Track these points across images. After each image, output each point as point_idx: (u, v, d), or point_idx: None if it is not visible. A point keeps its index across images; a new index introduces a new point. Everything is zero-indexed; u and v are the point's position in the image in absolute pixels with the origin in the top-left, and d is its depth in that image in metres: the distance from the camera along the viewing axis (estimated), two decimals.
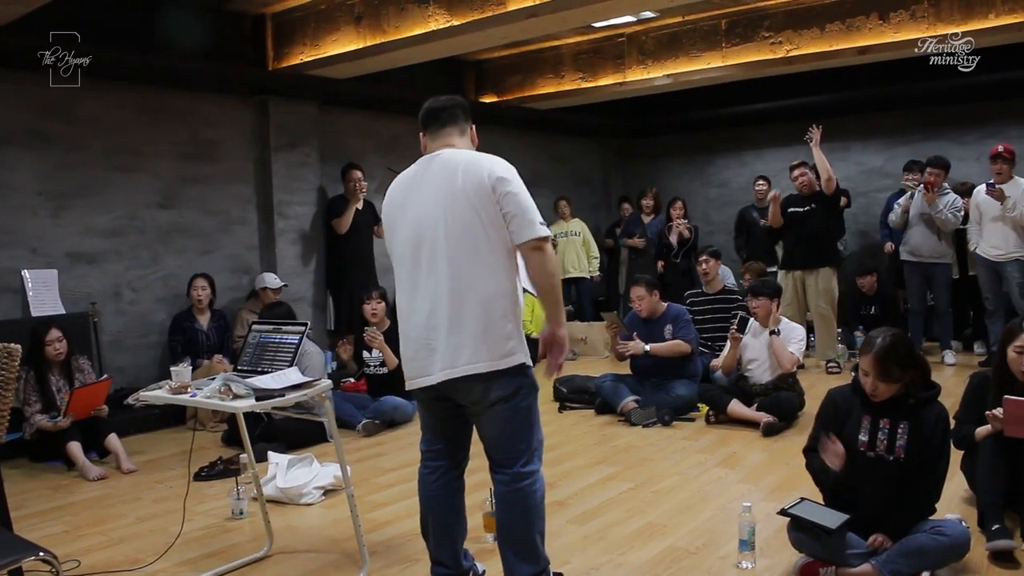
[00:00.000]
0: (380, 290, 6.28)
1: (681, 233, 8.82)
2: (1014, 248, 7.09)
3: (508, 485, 2.89)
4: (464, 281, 2.82)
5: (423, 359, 2.90)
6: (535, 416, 2.95)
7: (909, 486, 3.24)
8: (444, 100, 3.09)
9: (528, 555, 2.90)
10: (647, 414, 5.79)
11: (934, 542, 3.12)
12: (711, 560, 3.46)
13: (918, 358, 3.31)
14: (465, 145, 3.05)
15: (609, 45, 8.49)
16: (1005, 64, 8.36)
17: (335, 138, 8.18)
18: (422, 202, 2.92)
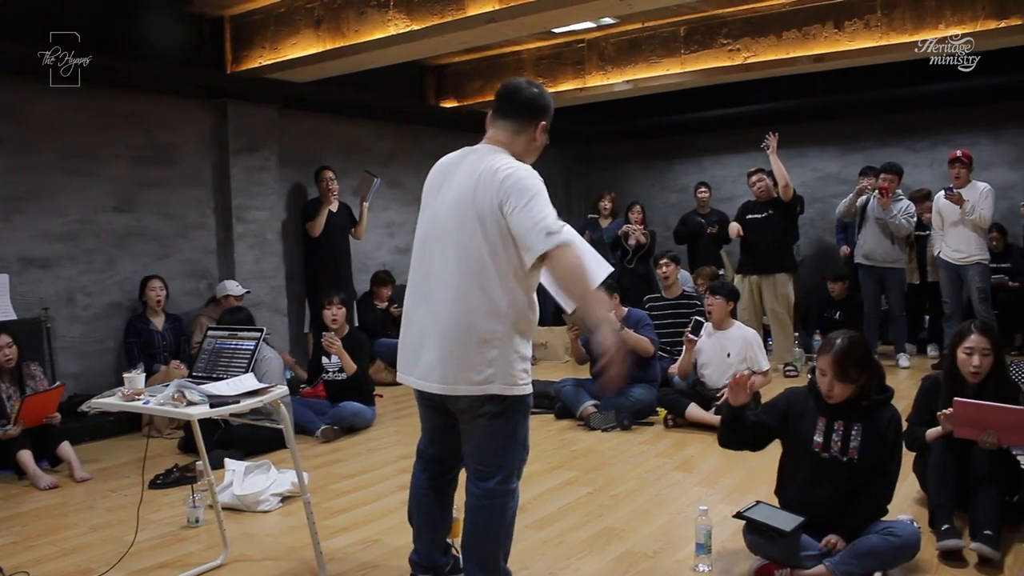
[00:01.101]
0: (341, 296, 6.25)
1: (637, 239, 8.86)
2: (975, 251, 7.24)
3: (480, 499, 2.86)
4: (459, 297, 2.75)
5: (410, 361, 2.90)
6: (520, 435, 2.89)
7: (862, 487, 3.29)
8: (524, 90, 2.90)
9: (488, 568, 2.90)
10: (606, 418, 5.81)
11: (886, 543, 3.17)
12: (668, 564, 3.48)
13: (874, 361, 3.38)
14: (517, 145, 2.88)
15: (569, 51, 8.52)
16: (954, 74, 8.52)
17: (295, 142, 8.12)
18: (443, 199, 2.85)
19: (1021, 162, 9.07)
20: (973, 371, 3.77)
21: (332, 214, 7.75)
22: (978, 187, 7.23)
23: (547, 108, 2.93)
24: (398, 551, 3.66)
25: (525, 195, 2.67)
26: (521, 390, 2.81)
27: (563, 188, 11.77)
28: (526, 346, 2.83)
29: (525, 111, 2.88)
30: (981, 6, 6.58)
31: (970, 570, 3.34)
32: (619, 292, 6.40)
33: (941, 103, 9.33)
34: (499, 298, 2.72)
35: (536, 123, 2.89)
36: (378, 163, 8.74)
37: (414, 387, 2.91)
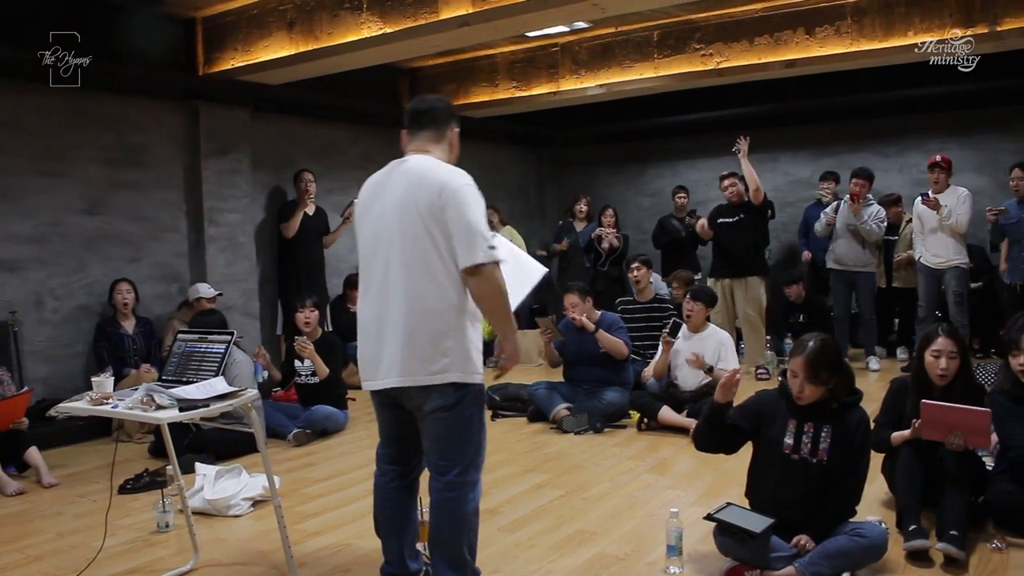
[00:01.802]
0: (314, 299, 6.22)
1: (610, 242, 8.89)
2: (954, 256, 7.32)
3: (441, 493, 2.93)
4: (410, 295, 2.86)
5: (368, 363, 2.99)
6: (476, 428, 2.97)
7: (831, 488, 3.33)
8: (426, 102, 3.13)
9: (455, 564, 2.93)
10: (579, 421, 5.83)
11: (854, 543, 3.21)
12: (639, 566, 3.50)
13: (844, 364, 3.42)
14: (440, 151, 3.05)
15: (543, 55, 8.55)
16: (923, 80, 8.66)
17: (268, 144, 8.08)
18: (381, 209, 2.97)
19: (988, 167, 9.19)
20: (940, 374, 3.82)
21: (307, 217, 7.75)
22: (957, 192, 7.31)
23: (454, 111, 3.19)
24: (370, 555, 3.66)
25: (465, 203, 2.83)
26: (476, 378, 2.92)
27: (537, 192, 11.81)
28: (478, 337, 2.96)
29: (440, 119, 3.09)
30: (948, 14, 6.67)
31: (936, 570, 3.38)
32: (592, 295, 6.43)
33: (911, 109, 9.45)
34: (449, 291, 2.85)
35: (449, 127, 3.12)
36: (352, 166, 8.72)
37: (375, 388, 2.99)
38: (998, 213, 7.24)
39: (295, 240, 7.68)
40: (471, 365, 2.89)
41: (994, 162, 9.03)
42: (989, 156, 9.23)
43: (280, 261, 7.95)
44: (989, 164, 9.18)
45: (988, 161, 9.21)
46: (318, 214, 7.91)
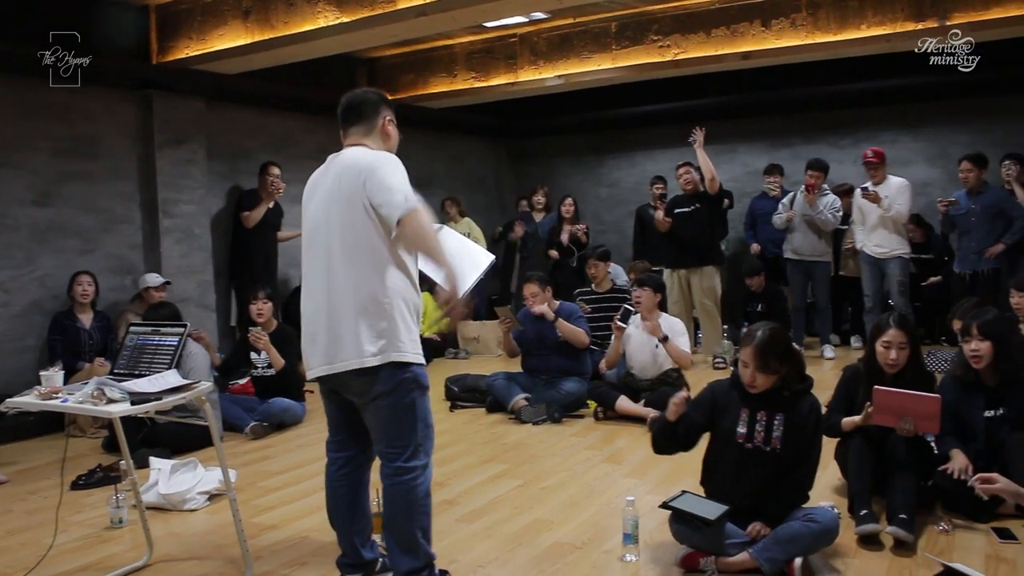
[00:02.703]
0: (267, 290, 6.17)
1: (578, 237, 8.91)
2: (896, 246, 7.44)
3: (391, 479, 2.96)
4: (343, 280, 2.90)
5: (309, 352, 3.02)
6: (420, 412, 2.98)
7: (784, 476, 3.37)
8: (355, 97, 3.15)
9: (409, 549, 2.96)
10: (537, 411, 5.85)
11: (806, 529, 3.25)
12: (596, 554, 3.52)
13: (794, 352, 3.45)
14: (375, 142, 3.08)
15: (501, 45, 8.54)
16: (877, 73, 8.78)
17: (224, 135, 7.99)
18: (317, 201, 3.03)
19: (939, 159, 9.35)
20: (890, 364, 3.90)
21: (268, 210, 7.68)
22: (894, 183, 7.43)
23: (383, 100, 3.18)
24: (326, 547, 3.64)
25: (382, 171, 2.89)
26: (413, 358, 2.94)
27: (495, 183, 11.79)
28: (413, 321, 2.98)
29: (367, 111, 3.11)
30: (900, 8, 6.77)
31: (886, 553, 3.45)
32: (552, 285, 6.45)
33: (864, 101, 9.59)
34: (382, 276, 2.89)
35: (380, 117, 3.12)
36: (309, 157, 8.62)
37: (315, 376, 3.02)
38: (948, 204, 7.37)
39: (251, 231, 7.62)
40: (407, 346, 2.92)
41: (945, 154, 9.18)
42: (941, 148, 9.39)
43: (233, 252, 7.87)
44: (941, 156, 9.34)
45: (940, 153, 9.38)
46: (276, 208, 7.86)
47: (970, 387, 3.98)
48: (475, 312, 9.64)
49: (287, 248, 8.09)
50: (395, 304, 2.90)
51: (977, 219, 7.17)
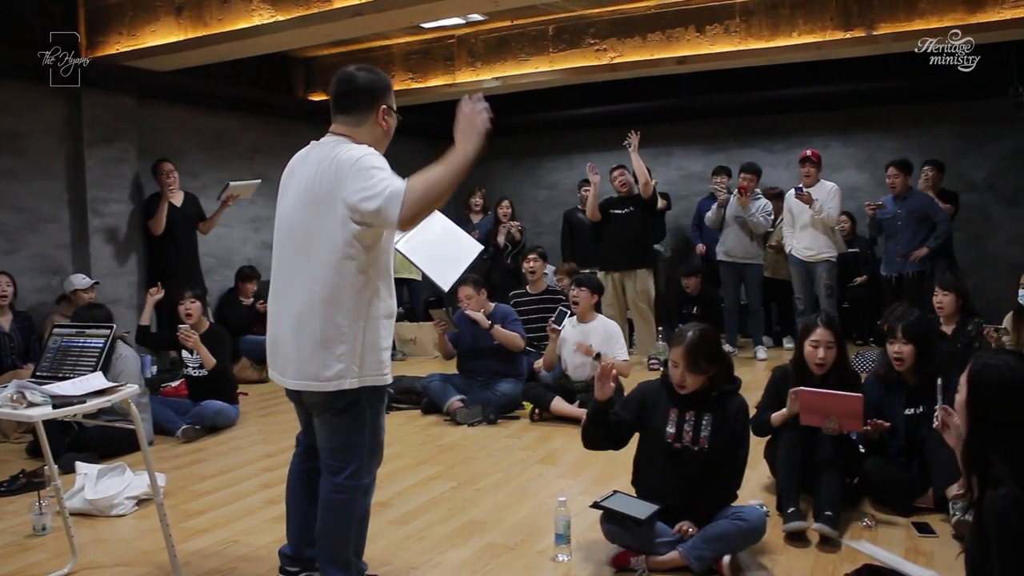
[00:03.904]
0: (195, 291, 6.05)
1: (511, 234, 8.94)
2: (824, 249, 7.61)
3: (330, 494, 2.86)
4: (301, 295, 2.74)
5: (269, 356, 2.92)
6: (370, 430, 2.86)
7: (712, 474, 3.42)
8: (347, 82, 2.82)
9: (340, 564, 2.89)
10: (472, 413, 5.85)
11: (734, 527, 3.30)
12: (529, 555, 3.54)
13: (723, 353, 3.51)
14: (362, 135, 2.80)
15: (439, 46, 8.54)
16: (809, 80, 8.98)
17: (156, 133, 7.85)
18: (291, 197, 2.84)
19: (868, 164, 9.59)
20: (818, 363, 3.99)
21: (176, 208, 7.42)
22: (826, 186, 7.61)
23: (384, 90, 2.87)
24: (257, 552, 3.61)
25: (364, 171, 2.61)
26: (373, 381, 2.77)
27: None
28: (379, 337, 2.79)
29: (362, 100, 2.81)
30: (829, 17, 6.93)
31: (812, 549, 3.52)
32: (487, 287, 6.46)
33: (797, 107, 9.79)
34: (344, 292, 2.69)
35: (376, 108, 2.83)
36: (243, 156, 8.54)
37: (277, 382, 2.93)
38: (875, 208, 7.56)
39: (165, 233, 7.35)
40: (367, 368, 2.75)
41: (874, 160, 9.43)
42: (869, 154, 9.64)
43: (152, 254, 7.59)
44: (869, 162, 9.58)
45: (868, 159, 9.62)
46: (189, 202, 7.57)
47: (892, 386, 4.10)
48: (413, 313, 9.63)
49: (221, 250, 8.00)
50: (355, 325, 2.71)
51: (903, 223, 7.37)
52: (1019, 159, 9.09)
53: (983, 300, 7.32)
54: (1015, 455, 2.20)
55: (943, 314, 5.40)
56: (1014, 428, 2.23)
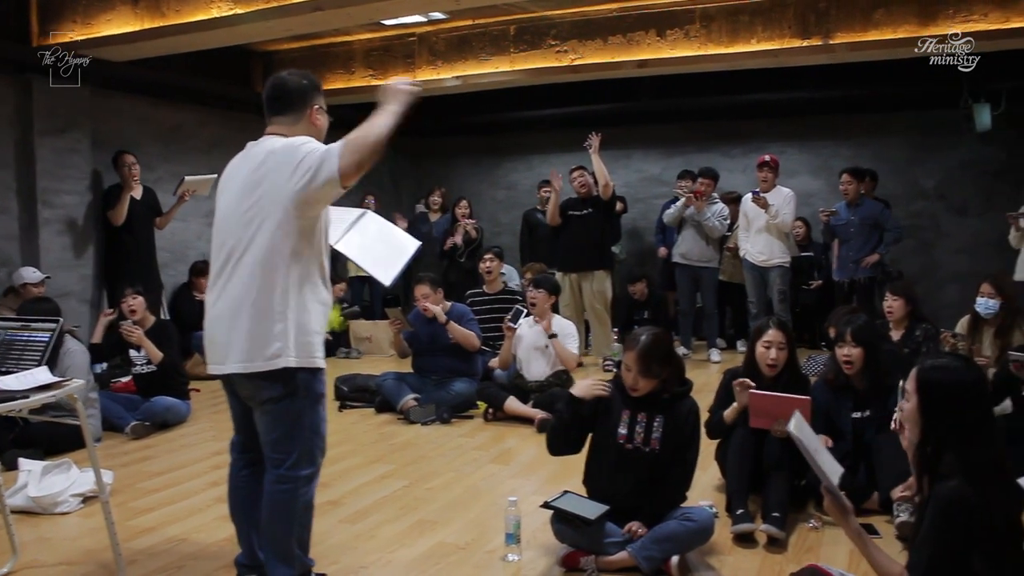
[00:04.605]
0: (136, 287, 5.96)
1: (468, 232, 8.95)
2: (777, 255, 7.70)
3: (272, 485, 2.88)
4: (241, 278, 2.81)
5: (207, 348, 2.94)
6: (311, 420, 2.89)
7: (663, 476, 3.45)
8: (282, 84, 2.98)
9: (284, 557, 2.89)
10: (426, 412, 5.84)
11: (683, 528, 3.33)
12: (479, 555, 3.54)
13: (675, 356, 3.54)
14: (298, 133, 2.90)
15: (400, 44, 8.51)
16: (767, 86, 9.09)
17: (111, 124, 7.72)
18: (229, 193, 2.92)
19: (823, 171, 9.74)
20: (770, 364, 4.04)
21: (136, 201, 7.35)
22: (782, 192, 7.70)
23: (315, 90, 3.01)
24: (206, 550, 3.58)
25: (298, 151, 2.74)
26: (310, 363, 2.84)
27: (392, 182, 11.71)
28: (311, 321, 2.86)
29: (296, 101, 2.95)
30: (787, 25, 7.03)
31: (759, 550, 3.57)
32: (444, 287, 6.45)
33: (755, 113, 9.92)
34: (281, 276, 2.78)
35: (309, 107, 2.97)
36: (200, 150, 8.43)
37: (215, 372, 2.94)
38: (829, 215, 7.67)
39: (125, 226, 7.28)
40: (305, 350, 2.82)
41: (828, 167, 9.58)
42: (824, 161, 9.78)
43: (109, 247, 7.50)
44: (824, 168, 9.73)
45: (823, 166, 9.77)
46: (147, 196, 7.51)
47: (840, 390, 4.17)
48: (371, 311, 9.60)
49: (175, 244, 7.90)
50: (293, 306, 2.79)
51: (855, 230, 7.49)
52: (968, 170, 9.29)
53: (931, 307, 7.45)
54: (965, 453, 2.26)
55: (893, 318, 5.49)
56: (961, 427, 2.28)
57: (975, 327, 5.35)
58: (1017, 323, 5.20)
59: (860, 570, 3.27)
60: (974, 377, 2.34)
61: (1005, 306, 5.17)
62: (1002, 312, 5.18)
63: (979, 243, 9.03)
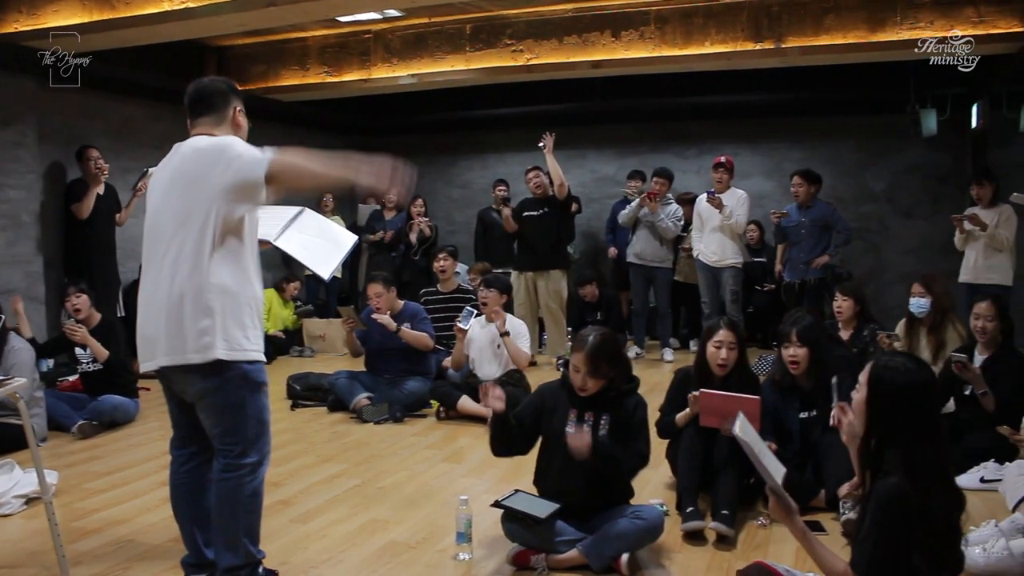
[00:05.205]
0: (80, 284, 5.86)
1: (422, 230, 8.93)
2: (730, 255, 7.77)
3: (219, 474, 2.93)
4: (172, 273, 2.85)
5: (140, 345, 2.95)
6: (252, 410, 2.93)
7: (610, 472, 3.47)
8: (203, 87, 3.06)
9: (231, 546, 2.91)
10: (379, 411, 5.82)
11: (633, 525, 3.35)
12: (430, 554, 3.53)
13: (623, 356, 3.57)
14: (224, 133, 3.00)
15: (355, 41, 8.46)
16: (720, 89, 9.20)
17: (58, 118, 7.57)
18: (158, 191, 2.97)
19: (775, 173, 9.87)
20: (720, 363, 4.08)
21: (99, 197, 7.28)
22: (736, 193, 7.78)
23: (235, 92, 3.11)
24: (153, 551, 3.54)
25: (228, 150, 2.83)
26: (243, 355, 2.88)
27: None
28: (244, 315, 2.91)
29: (217, 101, 3.04)
30: (741, 28, 7.12)
31: (709, 547, 3.60)
32: (398, 285, 6.43)
33: (708, 115, 10.04)
34: (212, 269, 2.83)
35: (232, 108, 3.06)
36: (152, 145, 8.28)
37: (144, 370, 2.97)
38: (780, 216, 7.78)
39: (85, 222, 7.21)
40: (237, 344, 2.86)
41: (780, 169, 9.71)
42: (776, 163, 9.92)
43: (69, 243, 7.43)
44: (776, 171, 9.86)
45: (775, 168, 9.90)
46: (109, 193, 7.44)
47: (787, 390, 4.23)
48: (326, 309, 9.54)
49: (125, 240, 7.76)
50: (225, 301, 2.84)
51: (806, 231, 7.59)
52: (915, 173, 9.49)
53: (879, 307, 7.59)
54: (907, 451, 2.30)
55: (842, 319, 5.58)
56: (908, 426, 2.32)
57: (911, 327, 5.49)
58: (950, 320, 5.36)
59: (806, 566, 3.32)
60: (924, 378, 2.38)
61: (935, 304, 5.32)
62: (933, 310, 5.33)
63: (926, 245, 9.23)
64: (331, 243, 3.45)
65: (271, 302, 8.86)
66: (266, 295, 8.66)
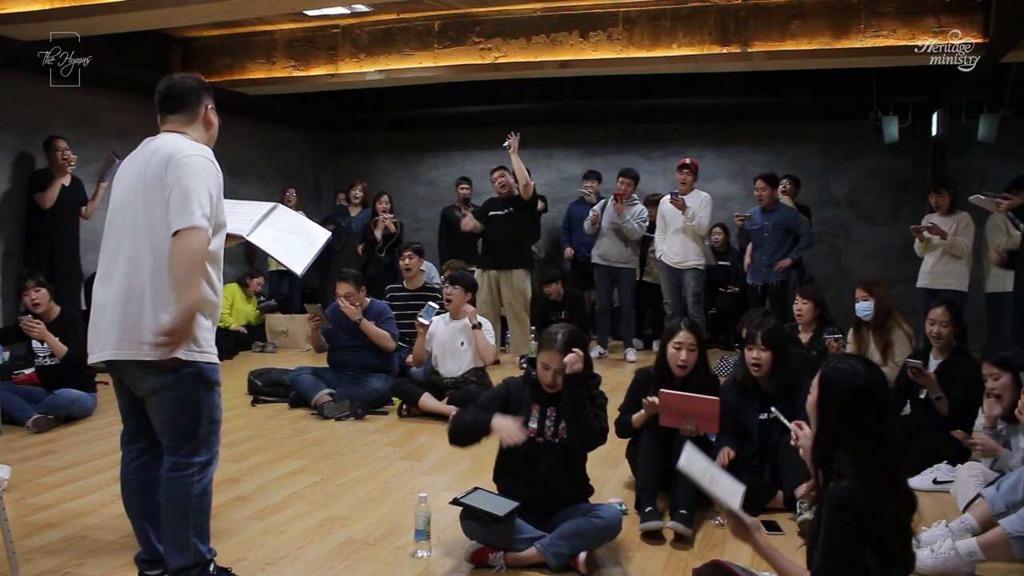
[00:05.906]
0: (38, 277, 5.77)
1: (387, 227, 8.90)
2: (692, 257, 7.82)
3: (167, 472, 2.91)
4: (131, 270, 2.84)
5: (91, 337, 2.93)
6: (205, 408, 2.91)
7: (571, 463, 3.52)
8: (175, 84, 3.03)
9: (180, 546, 2.89)
10: (340, 407, 5.79)
11: (591, 524, 3.37)
12: (388, 551, 3.53)
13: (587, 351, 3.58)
14: (195, 131, 3.01)
15: (322, 35, 8.39)
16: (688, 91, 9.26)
17: (16, 107, 7.45)
18: (124, 185, 2.95)
19: (740, 176, 9.96)
20: (680, 364, 4.11)
21: (64, 188, 7.15)
22: (700, 195, 7.83)
23: (207, 90, 3.10)
24: (107, 547, 3.49)
25: (187, 168, 2.79)
26: (200, 355, 2.87)
27: (312, 175, 11.59)
28: (206, 314, 2.90)
29: (188, 99, 3.02)
30: (707, 32, 7.16)
31: (667, 547, 3.63)
32: (364, 282, 6.40)
33: (675, 117, 10.11)
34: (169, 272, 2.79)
35: (203, 106, 3.05)
36: (113, 137, 8.19)
37: (98, 360, 2.92)
38: (743, 219, 7.84)
39: (51, 213, 7.09)
40: (195, 342, 2.84)
41: (745, 172, 9.80)
42: (741, 166, 10.00)
43: (31, 235, 7.30)
44: (741, 174, 9.95)
45: (740, 171, 9.99)
46: (74, 185, 7.32)
47: (748, 391, 4.26)
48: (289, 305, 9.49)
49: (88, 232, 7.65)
50: None
51: (769, 234, 7.66)
52: (877, 179, 9.63)
53: (840, 311, 7.68)
54: (858, 452, 2.33)
55: (802, 321, 5.65)
56: (858, 428, 2.35)
57: (859, 330, 5.60)
58: (894, 319, 5.46)
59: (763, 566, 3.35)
60: (873, 380, 2.41)
61: (878, 305, 5.43)
62: (876, 312, 5.44)
63: (886, 250, 9.36)
64: (305, 239, 3.45)
65: (234, 297, 8.79)
66: (229, 290, 8.62)
